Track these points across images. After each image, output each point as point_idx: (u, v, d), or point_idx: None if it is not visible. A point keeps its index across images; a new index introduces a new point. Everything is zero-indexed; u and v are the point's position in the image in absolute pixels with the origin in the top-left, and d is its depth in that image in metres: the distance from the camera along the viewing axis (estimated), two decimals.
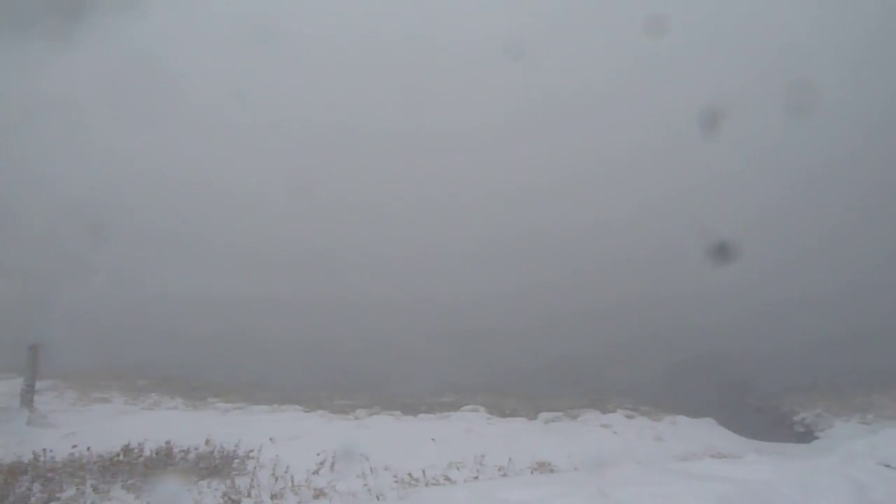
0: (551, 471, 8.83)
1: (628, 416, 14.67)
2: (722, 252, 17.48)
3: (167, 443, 9.54)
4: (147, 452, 9.17)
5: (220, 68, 29.22)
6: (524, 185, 28.34)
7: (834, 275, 24.51)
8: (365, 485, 7.82)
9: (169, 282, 22.84)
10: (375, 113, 28.01)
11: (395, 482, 7.96)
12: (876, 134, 26.23)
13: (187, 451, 9.42)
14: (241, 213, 27.24)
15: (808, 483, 7.05)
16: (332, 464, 9.35)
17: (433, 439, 10.44)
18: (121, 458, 8.86)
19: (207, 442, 9.82)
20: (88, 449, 8.85)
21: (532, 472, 8.72)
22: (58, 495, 7.55)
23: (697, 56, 27.69)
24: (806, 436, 15.07)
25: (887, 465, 7.94)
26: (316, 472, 8.90)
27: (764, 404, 17.80)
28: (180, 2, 30.41)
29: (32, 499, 7.41)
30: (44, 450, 8.77)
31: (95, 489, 7.82)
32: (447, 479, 8.24)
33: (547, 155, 28.44)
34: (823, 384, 18.38)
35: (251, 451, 9.57)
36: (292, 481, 7.87)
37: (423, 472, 8.57)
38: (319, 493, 7.56)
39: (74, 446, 8.93)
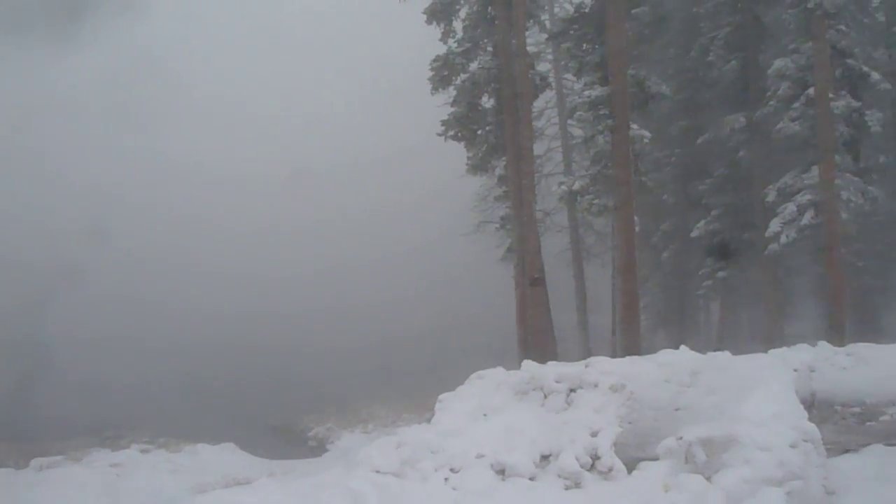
0: None
1: (144, 451, 13.57)
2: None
3: None
4: None
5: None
6: None
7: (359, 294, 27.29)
8: None
9: None
10: None
11: None
12: None
13: None
14: None
15: (313, 499, 7.42)
16: None
17: None
18: None
19: None
20: None
21: None
22: None
23: None
24: (318, 450, 16.22)
25: (378, 472, 8.91)
26: None
27: (281, 423, 18.61)
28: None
29: None
30: None
31: None
32: None
33: None
34: (334, 398, 20.08)
35: None
36: None
37: None
38: None
39: None
